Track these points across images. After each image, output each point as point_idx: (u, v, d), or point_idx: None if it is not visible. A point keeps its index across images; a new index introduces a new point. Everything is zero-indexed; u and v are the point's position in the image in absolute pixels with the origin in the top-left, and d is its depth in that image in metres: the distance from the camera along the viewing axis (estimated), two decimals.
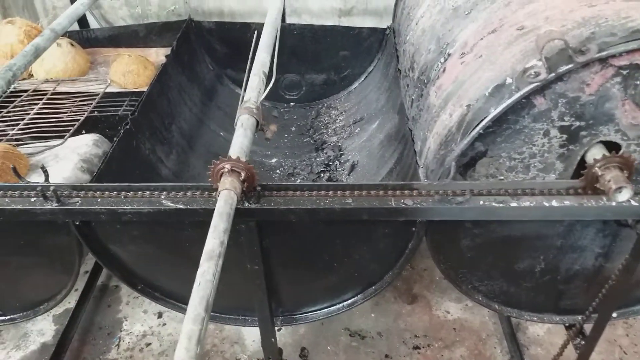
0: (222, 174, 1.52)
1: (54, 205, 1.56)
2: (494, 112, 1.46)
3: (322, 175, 2.81)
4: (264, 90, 1.95)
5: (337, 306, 2.01)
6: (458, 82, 1.71)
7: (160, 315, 3.08)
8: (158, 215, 1.53)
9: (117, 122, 3.17)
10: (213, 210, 1.47)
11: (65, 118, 2.60)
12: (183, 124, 2.78)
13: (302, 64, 3.36)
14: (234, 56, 3.34)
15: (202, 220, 1.58)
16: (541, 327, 2.94)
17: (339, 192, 1.57)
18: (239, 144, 1.66)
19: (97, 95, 2.77)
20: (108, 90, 2.88)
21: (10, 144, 2.25)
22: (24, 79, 3.00)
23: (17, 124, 2.58)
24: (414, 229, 1.70)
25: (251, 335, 2.92)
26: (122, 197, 1.58)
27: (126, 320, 3.07)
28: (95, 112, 2.68)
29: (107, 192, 1.60)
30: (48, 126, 2.55)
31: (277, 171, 2.95)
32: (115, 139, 2.12)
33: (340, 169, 2.79)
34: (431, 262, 3.15)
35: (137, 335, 2.97)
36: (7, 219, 1.57)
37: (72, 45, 3.00)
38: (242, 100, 2.21)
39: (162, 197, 1.59)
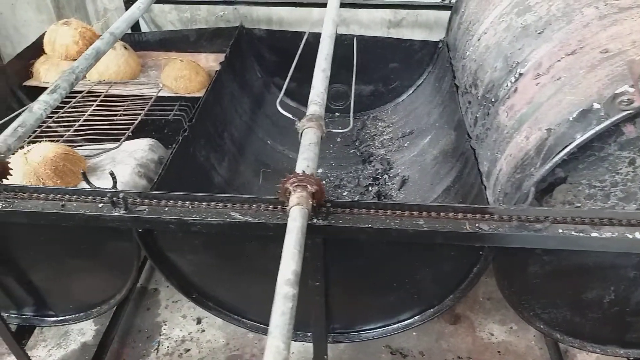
0: (292, 189, 1.49)
1: (122, 212, 1.55)
2: (580, 139, 1.41)
3: (370, 188, 2.77)
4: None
5: (393, 326, 1.96)
6: (534, 104, 1.66)
7: (199, 321, 3.07)
8: (228, 228, 1.51)
9: (164, 126, 3.19)
10: (283, 225, 1.45)
11: (119, 121, 2.62)
12: (234, 132, 2.77)
13: (351, 74, 3.33)
14: (283, 65, 3.30)
15: (266, 234, 1.57)
16: (590, 356, 2.84)
17: (406, 212, 1.53)
18: (308, 158, 1.64)
19: (150, 98, 2.79)
20: (159, 94, 2.90)
21: (67, 146, 2.26)
22: None
23: (72, 125, 2.61)
24: (481, 252, 1.65)
25: (291, 347, 2.88)
26: (190, 207, 1.57)
27: (165, 325, 3.06)
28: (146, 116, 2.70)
29: (172, 201, 1.59)
30: (102, 128, 2.56)
31: (323, 182, 2.90)
32: (174, 145, 2.12)
33: (389, 183, 2.75)
34: None
35: (176, 340, 2.96)
36: (77, 224, 1.56)
37: (125, 48, 3.02)
38: (279, 101, 2.20)
39: (229, 208, 1.57)
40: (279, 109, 1.91)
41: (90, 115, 2.67)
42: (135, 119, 2.59)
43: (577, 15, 1.80)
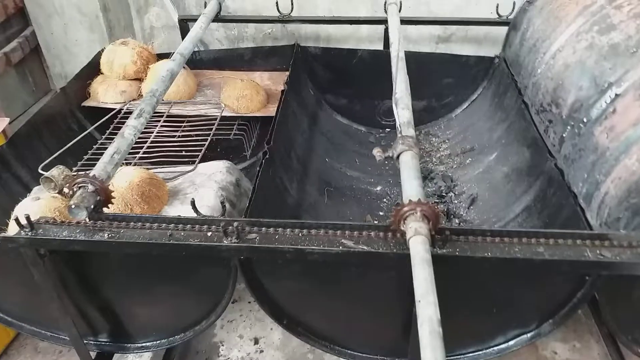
0: (409, 216, 1.48)
1: (233, 241, 1.53)
2: None
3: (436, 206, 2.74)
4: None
5: (485, 351, 1.93)
6: None
7: (256, 341, 3.03)
8: (345, 257, 1.49)
9: (214, 145, 3.17)
10: (404, 255, 1.43)
11: (187, 142, 2.61)
12: (298, 151, 2.76)
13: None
14: (335, 82, 3.33)
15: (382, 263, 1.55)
16: None
17: (524, 238, 1.51)
18: (414, 184, 1.62)
19: (214, 118, 2.78)
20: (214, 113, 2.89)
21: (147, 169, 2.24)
22: (133, 100, 3.03)
23: (141, 147, 2.59)
24: (587, 277, 1.62)
25: None
26: (300, 235, 1.55)
27: (222, 345, 3.03)
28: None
29: (281, 229, 1.57)
30: (171, 150, 2.55)
31: (384, 200, 2.90)
32: (258, 168, 2.10)
33: (456, 201, 2.72)
34: None
35: None
36: (188, 255, 1.54)
37: (183, 67, 3.01)
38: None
39: (341, 236, 1.55)
40: (394, 106, 1.90)
41: (155, 136, 2.66)
42: (204, 140, 2.58)
43: None
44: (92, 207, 1.58)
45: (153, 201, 2.01)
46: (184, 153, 2.53)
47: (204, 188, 2.14)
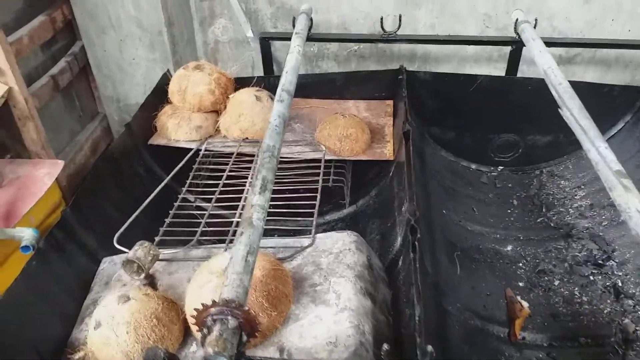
0: None
1: None
2: None
3: (592, 278, 2.20)
4: None
5: None
6: None
7: None
8: None
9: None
10: None
11: (289, 197, 2.08)
12: (422, 206, 2.22)
13: (526, 122, 2.80)
14: (443, 112, 2.80)
15: None
16: None
17: None
18: None
19: (314, 164, 2.26)
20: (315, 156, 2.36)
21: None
22: (211, 137, 2.51)
23: (232, 202, 2.08)
24: None
25: None
26: None
27: None
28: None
29: None
30: (273, 208, 2.02)
31: (520, 264, 2.35)
32: (412, 254, 1.56)
33: (620, 273, 2.18)
34: None
35: None
36: None
37: (272, 99, 2.49)
38: None
39: None
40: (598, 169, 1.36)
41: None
42: (310, 194, 2.06)
43: None
44: (236, 351, 1.06)
45: (281, 303, 1.48)
46: (287, 210, 2.01)
47: (336, 278, 1.61)
